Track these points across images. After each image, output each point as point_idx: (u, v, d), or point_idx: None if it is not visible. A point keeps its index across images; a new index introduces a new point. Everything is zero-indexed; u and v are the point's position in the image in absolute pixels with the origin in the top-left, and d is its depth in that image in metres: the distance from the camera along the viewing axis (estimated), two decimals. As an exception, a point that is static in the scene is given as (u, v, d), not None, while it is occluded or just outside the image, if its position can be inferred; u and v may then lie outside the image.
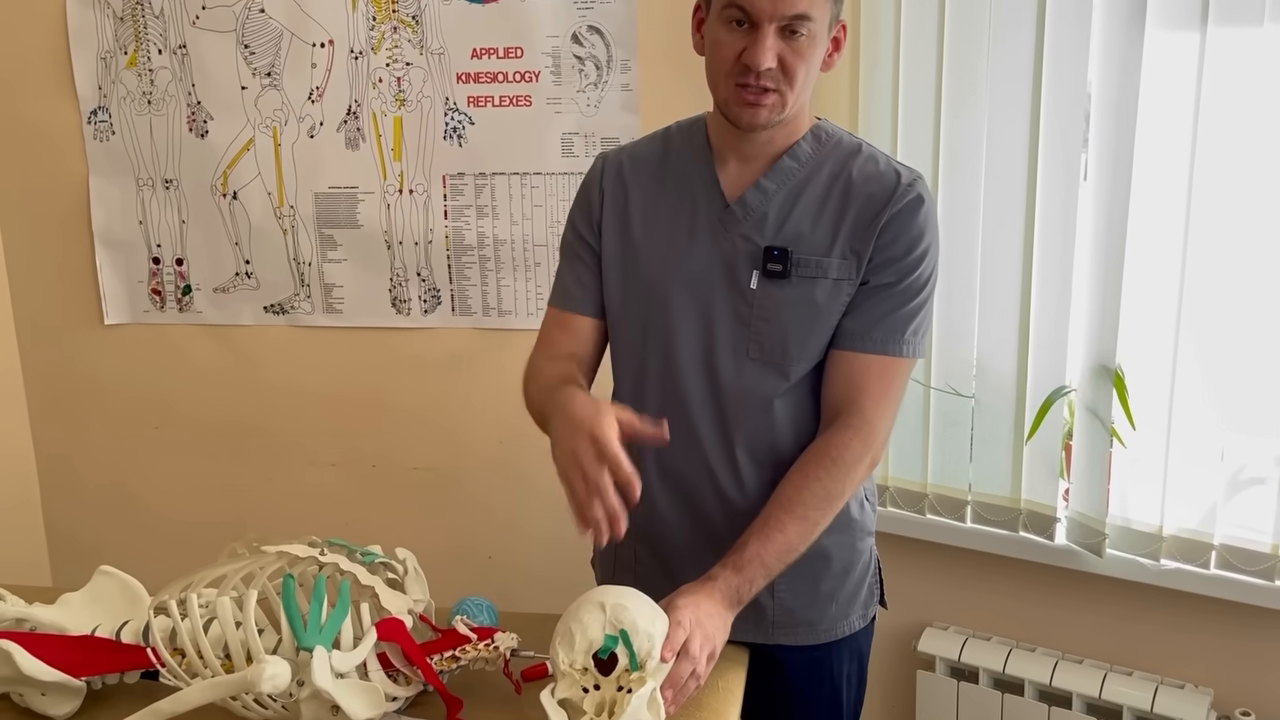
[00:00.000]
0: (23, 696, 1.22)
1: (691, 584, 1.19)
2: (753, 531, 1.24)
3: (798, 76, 1.22)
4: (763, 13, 1.18)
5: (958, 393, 1.95)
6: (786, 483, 1.28)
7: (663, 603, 1.15)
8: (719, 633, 1.16)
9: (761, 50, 1.19)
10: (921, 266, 1.29)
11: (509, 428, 2.25)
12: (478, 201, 2.20)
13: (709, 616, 1.15)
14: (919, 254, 1.29)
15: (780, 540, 1.23)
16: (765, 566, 1.22)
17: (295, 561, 1.23)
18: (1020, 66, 1.78)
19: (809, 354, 1.32)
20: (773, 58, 1.19)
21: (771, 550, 1.22)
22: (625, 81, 2.10)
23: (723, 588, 1.18)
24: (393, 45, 2.16)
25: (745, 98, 1.23)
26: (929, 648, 2.01)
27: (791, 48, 1.20)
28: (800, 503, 1.25)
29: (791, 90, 1.22)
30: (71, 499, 2.55)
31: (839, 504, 1.29)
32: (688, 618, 1.12)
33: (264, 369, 2.38)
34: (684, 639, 1.11)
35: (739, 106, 1.24)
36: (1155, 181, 1.71)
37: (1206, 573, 1.76)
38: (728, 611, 1.18)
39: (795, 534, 1.24)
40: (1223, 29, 1.62)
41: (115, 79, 2.28)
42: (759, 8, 1.18)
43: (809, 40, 1.20)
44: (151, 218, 2.35)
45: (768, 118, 1.24)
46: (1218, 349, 1.72)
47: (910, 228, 1.28)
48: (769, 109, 1.23)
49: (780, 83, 1.22)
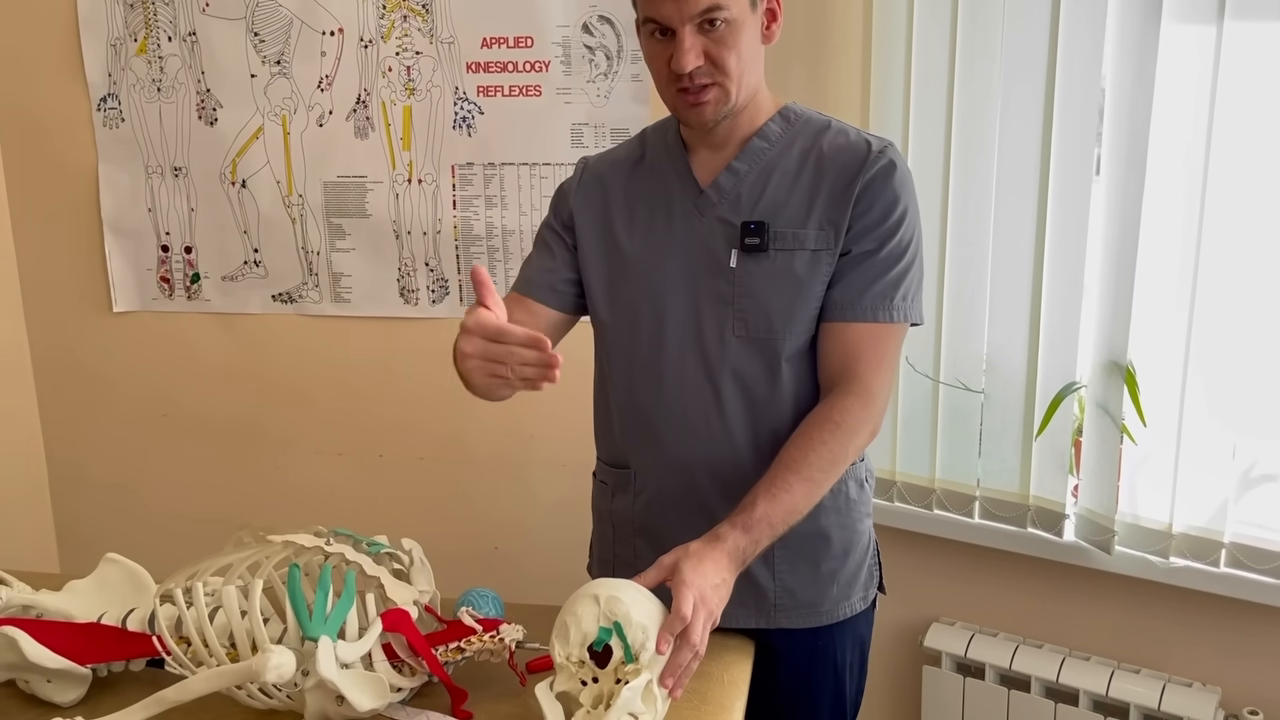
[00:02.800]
0: (29, 683, 1.23)
1: (698, 543, 1.17)
2: (759, 491, 1.23)
3: (729, 65, 1.24)
4: (673, 18, 1.21)
5: (967, 388, 1.94)
6: (791, 445, 1.28)
7: (666, 565, 1.14)
8: (722, 603, 1.15)
9: (681, 54, 1.21)
10: (901, 231, 1.30)
11: (515, 418, 2.25)
12: (486, 191, 2.20)
13: (714, 588, 1.13)
14: (896, 219, 1.30)
15: (787, 500, 1.23)
16: (772, 527, 1.22)
17: (301, 551, 1.23)
18: (1034, 60, 1.77)
19: (796, 329, 1.32)
20: (695, 57, 1.22)
21: (779, 511, 1.22)
22: (635, 72, 2.09)
23: (729, 548, 1.17)
24: (402, 34, 2.15)
25: (687, 100, 1.26)
26: (935, 643, 2.01)
27: (714, 40, 1.22)
28: (806, 464, 1.25)
29: (730, 79, 1.25)
30: (79, 485, 2.56)
31: (842, 468, 1.29)
32: (692, 598, 1.10)
33: (271, 357, 2.38)
34: (684, 626, 1.09)
35: (684, 110, 1.28)
36: (1169, 177, 1.70)
37: (1216, 571, 1.75)
38: (731, 574, 1.17)
39: (801, 495, 1.24)
40: (1240, 23, 1.60)
41: (125, 66, 2.28)
42: (667, 14, 1.21)
43: (731, 28, 1.22)
44: (160, 205, 2.35)
45: (714, 112, 1.27)
46: (1230, 346, 1.71)
47: (885, 193, 1.29)
48: (713, 104, 1.26)
49: (714, 75, 1.24)
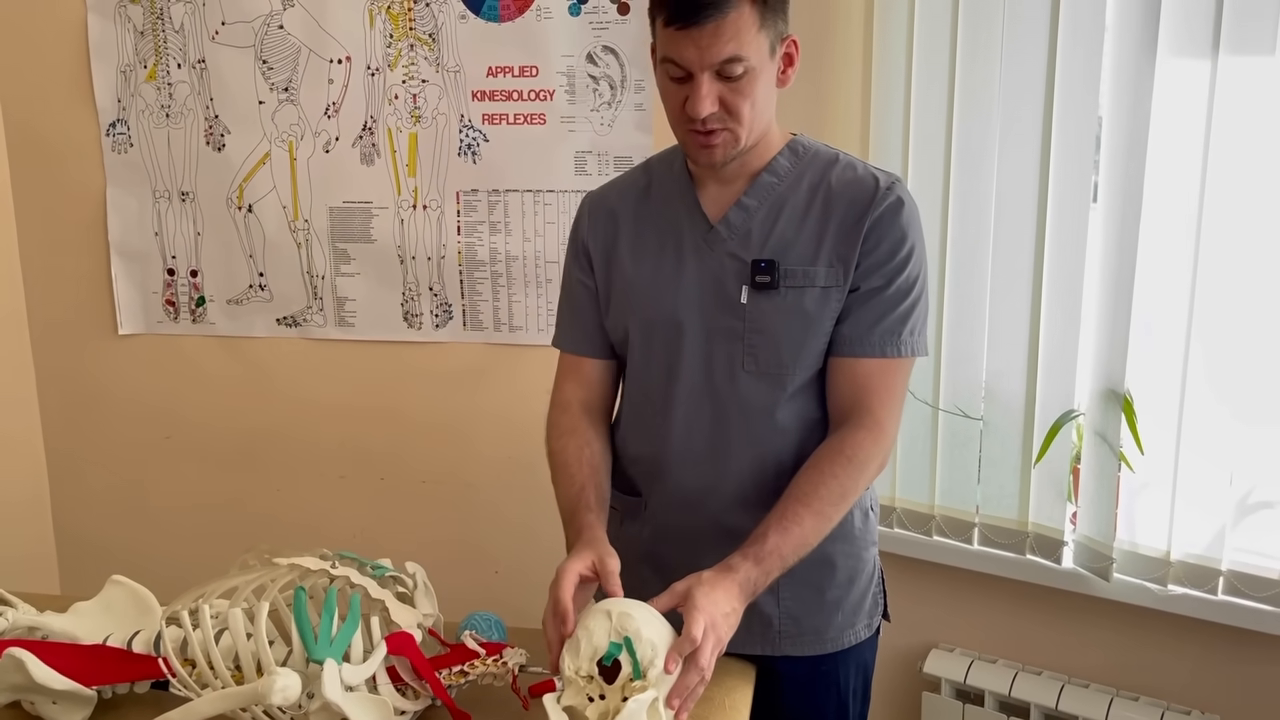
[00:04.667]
0: (34, 705, 1.23)
1: (710, 572, 1.18)
2: (770, 524, 1.24)
3: (743, 114, 1.24)
4: (693, 64, 1.21)
5: (966, 415, 1.95)
6: (802, 478, 1.29)
7: (679, 591, 1.15)
8: (731, 630, 1.17)
9: (698, 100, 1.22)
10: (909, 267, 1.31)
11: (517, 443, 2.26)
12: (490, 218, 2.22)
13: (725, 616, 1.15)
14: (904, 255, 1.31)
15: (797, 534, 1.24)
16: (782, 559, 1.23)
17: (307, 574, 1.24)
18: (1032, 91, 1.79)
19: (805, 363, 1.33)
20: (711, 103, 1.22)
21: (789, 544, 1.23)
22: (639, 101, 2.12)
23: (741, 580, 1.18)
24: (409, 62, 2.18)
25: (698, 141, 1.27)
26: (934, 669, 2.01)
27: (731, 88, 1.22)
28: (817, 498, 1.26)
29: (741, 125, 1.25)
30: (82, 507, 2.56)
31: (851, 500, 1.30)
32: (703, 623, 1.11)
33: (276, 381, 2.39)
34: (693, 649, 1.10)
35: (694, 149, 1.29)
36: (1166, 206, 1.72)
37: (1214, 598, 1.76)
38: (741, 604, 1.19)
39: (811, 528, 1.25)
40: (1234, 57, 1.63)
41: (134, 92, 2.30)
42: (688, 60, 1.21)
43: (749, 76, 1.22)
44: (167, 229, 2.37)
45: (724, 155, 1.28)
46: (1227, 373, 1.72)
47: (893, 230, 1.30)
48: (722, 147, 1.27)
49: (727, 121, 1.25)
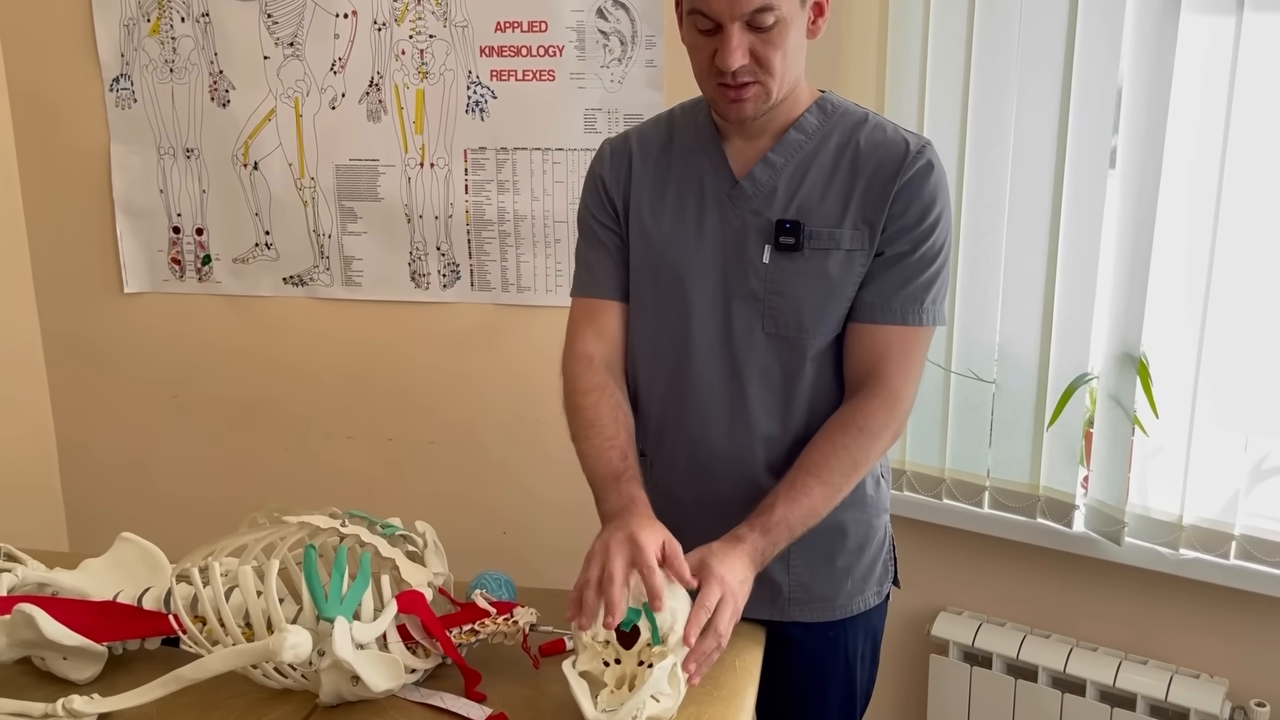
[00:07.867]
0: (45, 660, 1.23)
1: (719, 543, 1.19)
2: (779, 494, 1.24)
3: (774, 65, 1.21)
4: (723, 14, 1.18)
5: (979, 377, 1.93)
6: (813, 448, 1.28)
7: (691, 562, 1.15)
8: (745, 599, 1.17)
9: (728, 52, 1.19)
10: (935, 234, 1.29)
11: (525, 403, 2.26)
12: (499, 176, 2.19)
13: (740, 584, 1.16)
14: (932, 221, 1.28)
15: (806, 504, 1.24)
16: (790, 530, 1.23)
17: (316, 532, 1.23)
18: (1051, 51, 1.76)
19: (825, 327, 1.31)
20: (742, 55, 1.19)
21: (797, 514, 1.23)
22: (650, 58, 2.08)
23: (749, 549, 1.19)
24: (416, 17, 2.14)
25: (727, 95, 1.23)
26: (943, 632, 2.01)
27: (762, 39, 1.19)
28: (827, 469, 1.26)
29: (772, 78, 1.22)
30: (89, 466, 2.56)
31: (863, 472, 1.30)
32: (719, 590, 1.12)
33: (282, 340, 2.38)
34: (708, 617, 1.11)
35: (724, 104, 1.25)
36: (1185, 170, 1.69)
37: (1226, 563, 1.75)
38: (751, 573, 1.19)
39: (820, 499, 1.25)
40: (1260, 14, 1.59)
41: (138, 46, 2.27)
42: (717, 10, 1.18)
43: (780, 26, 1.19)
44: (172, 187, 2.34)
45: (754, 109, 1.25)
46: (1244, 338, 1.71)
47: (922, 195, 1.27)
48: (753, 101, 1.24)
49: (758, 74, 1.22)
